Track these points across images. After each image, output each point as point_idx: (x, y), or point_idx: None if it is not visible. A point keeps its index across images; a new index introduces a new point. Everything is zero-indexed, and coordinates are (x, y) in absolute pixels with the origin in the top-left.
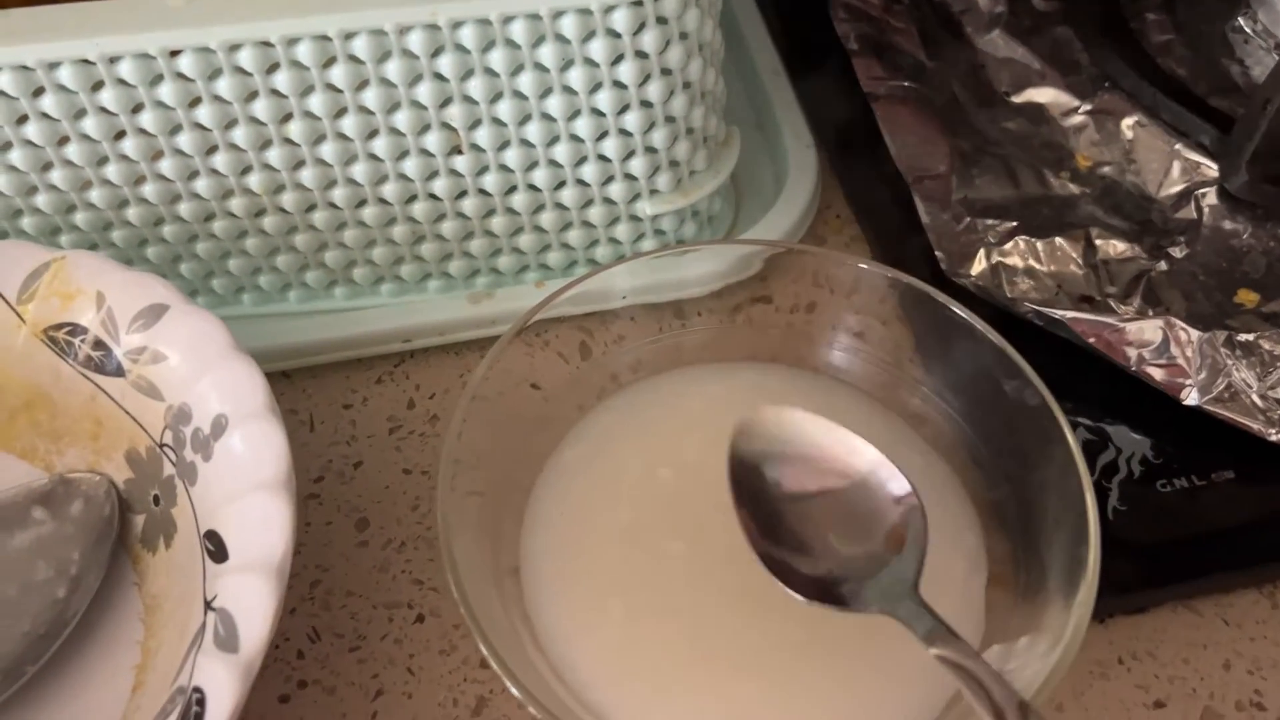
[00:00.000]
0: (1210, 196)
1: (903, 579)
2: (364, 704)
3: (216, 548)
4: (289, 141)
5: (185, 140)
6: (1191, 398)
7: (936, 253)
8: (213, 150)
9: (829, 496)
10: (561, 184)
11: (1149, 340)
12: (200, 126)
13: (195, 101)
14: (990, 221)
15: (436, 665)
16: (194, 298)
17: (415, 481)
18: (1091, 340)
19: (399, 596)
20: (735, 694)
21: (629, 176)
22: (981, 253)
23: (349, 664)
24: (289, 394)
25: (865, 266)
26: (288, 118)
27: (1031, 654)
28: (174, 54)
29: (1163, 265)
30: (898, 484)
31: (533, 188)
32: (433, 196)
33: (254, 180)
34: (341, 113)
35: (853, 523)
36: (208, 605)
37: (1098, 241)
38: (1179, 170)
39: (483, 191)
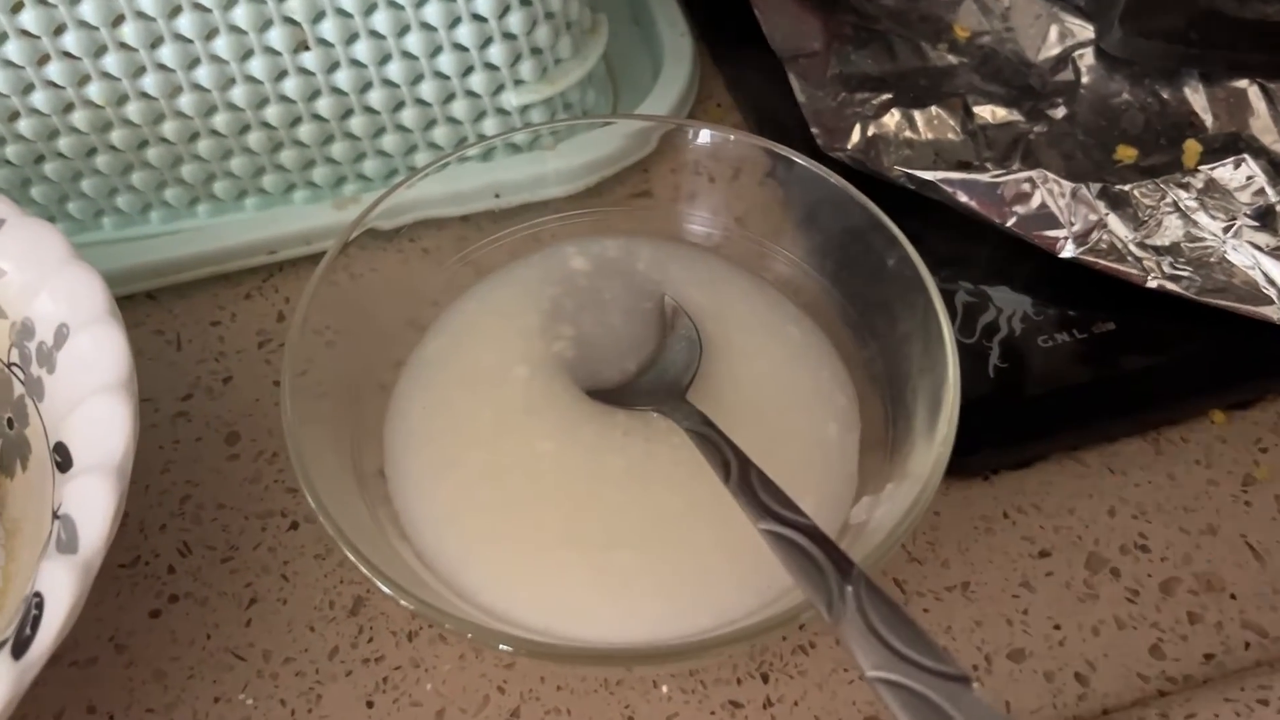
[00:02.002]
0: (1088, 57)
1: (672, 388)
2: (237, 613)
3: (63, 458)
4: (124, 46)
5: (13, 49)
6: (1067, 250)
7: (813, 129)
8: (45, 60)
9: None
10: (419, 77)
11: (1022, 194)
12: (27, 34)
13: (18, 6)
14: (865, 95)
15: (311, 570)
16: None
17: None
18: (962, 198)
19: (272, 505)
20: (607, 565)
21: (489, 66)
22: (857, 126)
23: (221, 575)
24: (155, 315)
25: (733, 137)
26: (119, 20)
27: (897, 497)
28: None
29: (1041, 127)
30: (683, 323)
31: (389, 83)
32: (285, 99)
33: (94, 91)
34: (176, 11)
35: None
36: (54, 515)
37: (975, 108)
38: (1056, 34)
39: (336, 90)
